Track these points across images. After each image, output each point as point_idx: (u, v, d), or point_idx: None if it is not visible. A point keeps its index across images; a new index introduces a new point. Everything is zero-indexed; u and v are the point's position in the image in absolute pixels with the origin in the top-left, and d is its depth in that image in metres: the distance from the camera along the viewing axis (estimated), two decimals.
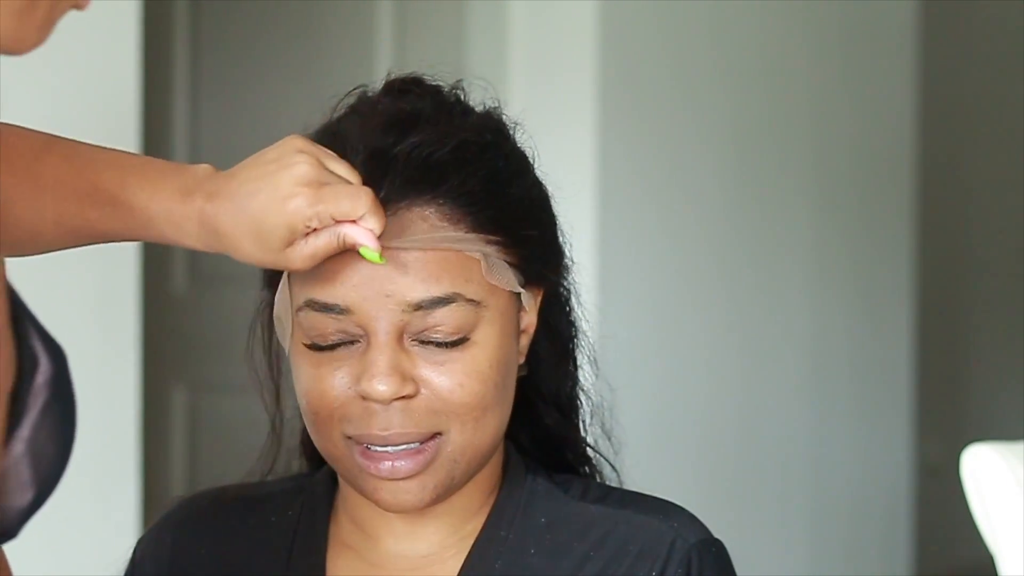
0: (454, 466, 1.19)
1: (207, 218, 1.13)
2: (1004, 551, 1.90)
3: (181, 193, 1.13)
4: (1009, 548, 1.89)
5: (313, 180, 1.12)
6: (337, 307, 1.16)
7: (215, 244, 1.14)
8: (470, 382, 1.18)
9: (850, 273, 4.13)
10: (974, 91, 5.35)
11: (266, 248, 1.12)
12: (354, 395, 1.18)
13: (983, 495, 1.91)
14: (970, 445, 1.94)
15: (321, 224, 1.12)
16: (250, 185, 1.12)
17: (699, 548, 1.22)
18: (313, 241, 1.12)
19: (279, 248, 1.11)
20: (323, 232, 1.12)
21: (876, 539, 4.21)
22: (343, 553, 1.27)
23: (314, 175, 1.12)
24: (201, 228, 1.13)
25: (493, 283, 1.19)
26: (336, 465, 1.23)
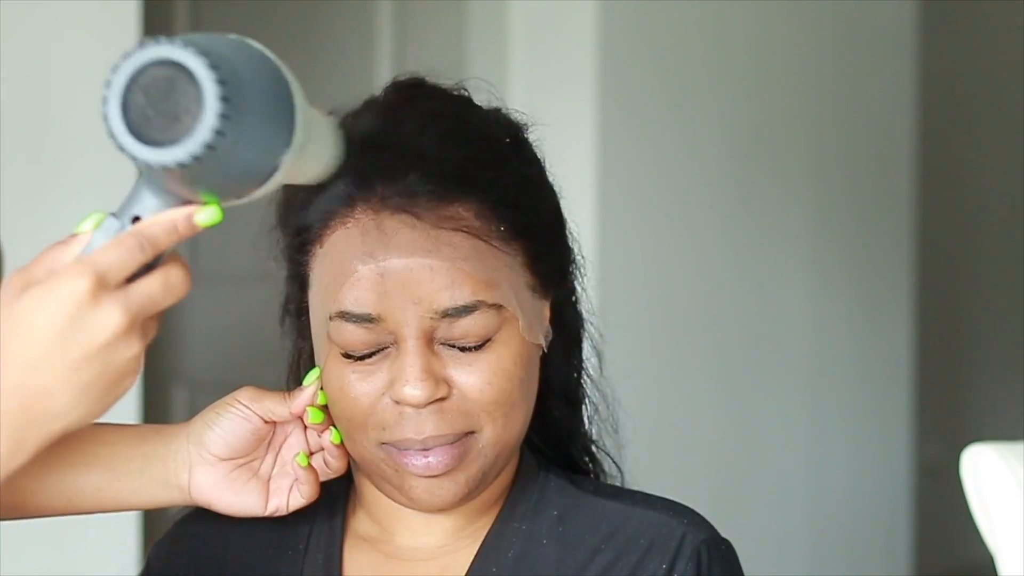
0: (486, 461, 1.21)
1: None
2: (1004, 551, 1.90)
3: (151, 430, 1.27)
4: (1009, 548, 1.89)
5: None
6: (368, 316, 1.17)
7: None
8: (498, 380, 1.19)
9: (850, 274, 4.13)
10: (974, 91, 5.35)
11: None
12: (388, 401, 1.19)
13: (983, 495, 1.92)
14: (970, 445, 1.94)
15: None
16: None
17: (708, 544, 1.24)
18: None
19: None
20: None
21: (876, 539, 4.22)
22: (359, 546, 1.28)
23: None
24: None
25: (527, 338, 1.21)
26: (369, 468, 1.24)
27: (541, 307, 1.24)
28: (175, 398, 3.57)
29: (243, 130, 0.91)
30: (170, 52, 0.90)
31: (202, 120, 0.89)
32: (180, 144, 0.90)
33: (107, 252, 0.94)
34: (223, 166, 0.92)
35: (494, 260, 1.19)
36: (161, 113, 0.91)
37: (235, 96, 0.90)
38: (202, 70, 0.89)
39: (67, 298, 0.93)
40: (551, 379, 1.29)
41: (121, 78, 0.91)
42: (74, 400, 0.94)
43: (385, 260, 1.17)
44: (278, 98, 0.93)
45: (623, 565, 1.23)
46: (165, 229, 0.96)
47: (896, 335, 4.30)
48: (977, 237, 5.45)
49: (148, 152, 0.91)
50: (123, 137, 0.91)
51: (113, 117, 0.91)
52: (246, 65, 0.92)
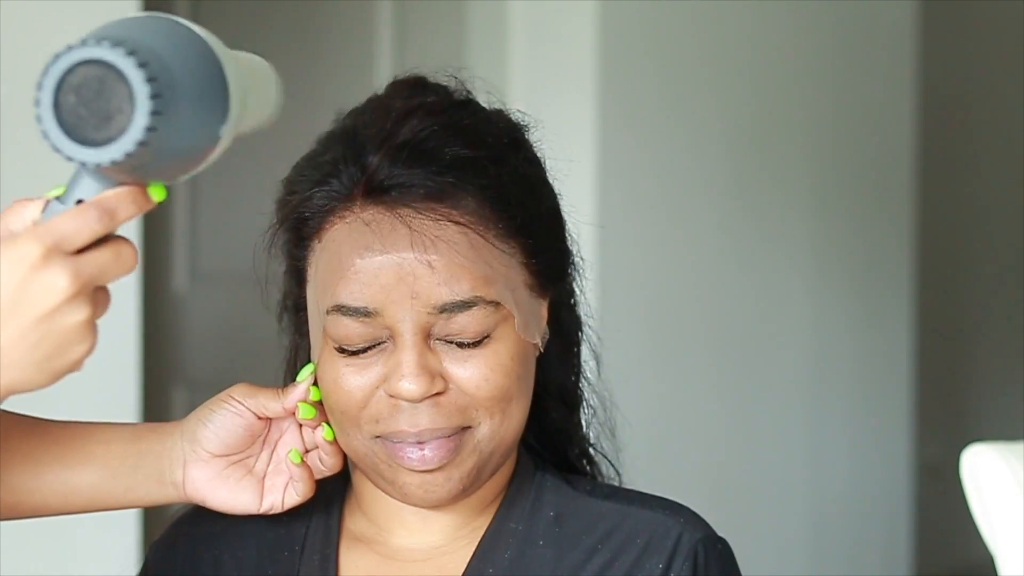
0: (481, 457, 1.21)
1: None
2: (1004, 551, 1.90)
3: (134, 431, 1.28)
4: (1009, 548, 1.89)
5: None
6: (365, 310, 1.17)
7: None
8: (494, 376, 1.19)
9: (850, 273, 4.13)
10: (974, 91, 5.35)
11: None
12: (382, 394, 1.19)
13: (983, 495, 1.92)
14: (970, 445, 1.94)
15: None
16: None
17: (705, 543, 1.24)
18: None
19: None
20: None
21: (876, 539, 4.21)
22: (355, 546, 1.28)
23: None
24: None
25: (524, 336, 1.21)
26: (363, 463, 1.24)
27: (538, 306, 1.24)
28: (175, 398, 3.57)
29: (176, 120, 0.92)
30: (98, 52, 0.91)
31: (135, 118, 0.91)
32: (115, 142, 0.91)
33: (64, 220, 0.96)
34: (160, 155, 0.93)
35: (492, 257, 1.19)
36: (94, 112, 0.92)
37: (165, 90, 0.91)
38: (131, 70, 0.90)
39: (18, 260, 0.94)
40: (548, 381, 1.29)
41: (51, 80, 0.92)
42: (18, 359, 0.96)
43: (383, 254, 1.17)
44: (209, 77, 0.95)
45: (620, 565, 1.23)
46: (125, 201, 0.97)
47: (896, 335, 4.30)
48: (977, 237, 5.45)
49: (83, 152, 0.92)
50: (57, 138, 0.93)
51: (46, 119, 0.92)
52: (174, 52, 0.93)
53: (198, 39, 0.95)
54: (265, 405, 1.24)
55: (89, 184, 0.97)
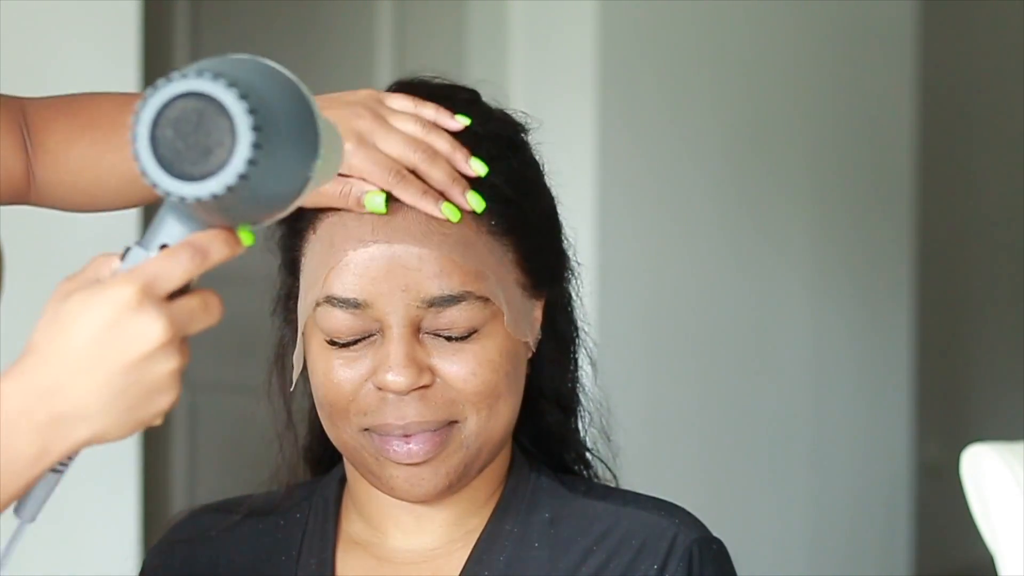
0: (467, 452, 1.21)
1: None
2: (1004, 551, 1.90)
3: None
4: (1009, 548, 1.89)
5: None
6: (354, 301, 1.18)
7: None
8: (482, 371, 1.19)
9: (850, 274, 4.13)
10: (974, 91, 5.35)
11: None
12: (371, 387, 1.19)
13: (983, 495, 1.92)
14: (970, 445, 1.94)
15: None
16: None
17: (700, 544, 1.23)
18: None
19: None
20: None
21: (876, 539, 4.22)
22: (351, 549, 1.28)
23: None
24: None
25: (513, 333, 1.21)
26: (351, 456, 1.24)
27: (531, 306, 1.24)
28: None
29: (274, 155, 0.91)
30: (198, 85, 0.89)
31: (236, 151, 0.89)
32: (214, 177, 0.89)
33: (156, 263, 0.93)
34: (256, 192, 0.92)
35: (484, 253, 1.19)
36: (192, 147, 0.90)
37: (265, 124, 0.90)
38: (233, 102, 0.89)
39: (111, 302, 0.91)
40: (543, 384, 1.29)
41: (148, 114, 0.90)
42: (104, 407, 0.92)
43: (374, 246, 1.17)
44: (301, 116, 0.94)
45: (615, 566, 1.23)
46: (217, 242, 0.95)
47: (896, 335, 4.30)
48: (977, 237, 5.45)
49: (182, 186, 0.90)
50: (155, 173, 0.91)
51: (143, 153, 0.91)
52: (269, 88, 0.92)
53: (289, 80, 0.94)
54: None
55: (174, 228, 0.95)
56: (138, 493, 2.47)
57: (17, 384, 0.91)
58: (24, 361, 0.92)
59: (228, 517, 1.32)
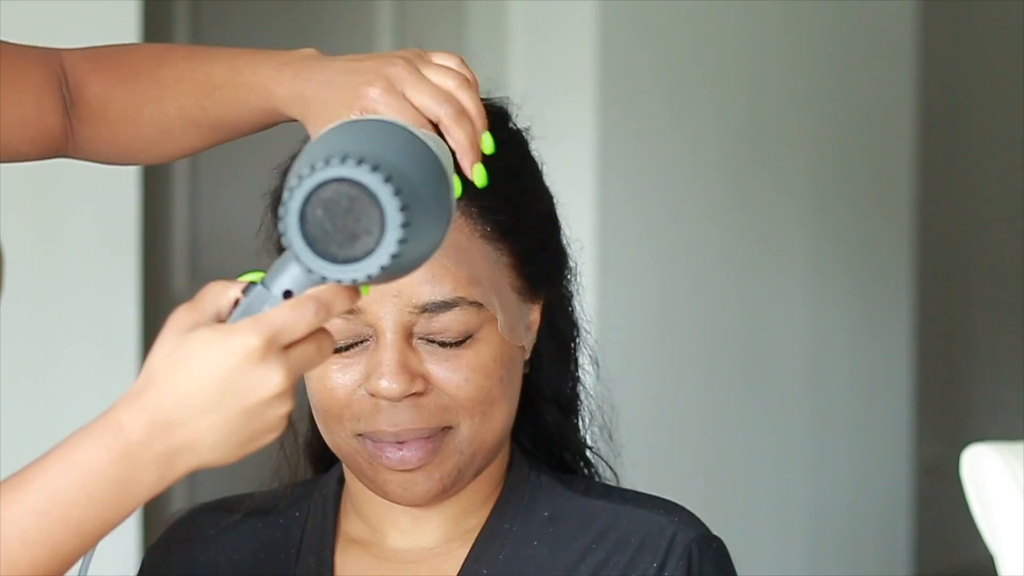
0: (461, 458, 1.20)
1: (298, 82, 1.15)
2: (1004, 551, 1.90)
3: (281, 63, 1.16)
4: (1009, 548, 1.89)
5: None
6: None
7: (301, 109, 1.15)
8: (476, 377, 1.19)
9: (850, 274, 4.13)
10: (974, 91, 5.35)
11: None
12: (363, 392, 1.19)
13: (983, 495, 1.92)
14: (970, 445, 1.94)
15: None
16: (341, 65, 1.14)
17: (699, 542, 1.23)
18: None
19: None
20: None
21: (876, 539, 4.22)
22: (350, 549, 1.28)
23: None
24: (291, 91, 1.15)
25: (507, 339, 1.20)
26: (346, 460, 1.24)
27: (526, 310, 1.24)
28: None
29: (418, 231, 0.94)
30: (355, 174, 0.92)
31: (383, 244, 0.92)
32: (359, 263, 0.93)
33: (282, 314, 0.95)
34: (399, 267, 0.95)
35: (478, 258, 1.19)
36: (340, 229, 0.93)
37: (411, 205, 0.92)
38: (387, 198, 0.91)
39: (237, 349, 0.94)
40: (542, 385, 1.29)
41: (302, 192, 0.93)
42: (218, 443, 0.96)
43: None
44: (440, 187, 0.97)
45: (614, 564, 1.23)
46: (341, 297, 0.97)
47: (896, 335, 4.30)
48: (977, 237, 5.45)
49: (327, 268, 0.94)
50: (301, 250, 0.93)
51: (291, 229, 0.93)
52: (414, 167, 0.95)
53: (425, 147, 0.97)
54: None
55: (299, 276, 0.97)
56: None
57: (139, 416, 0.95)
58: (145, 393, 0.95)
59: (227, 516, 1.32)
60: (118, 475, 0.94)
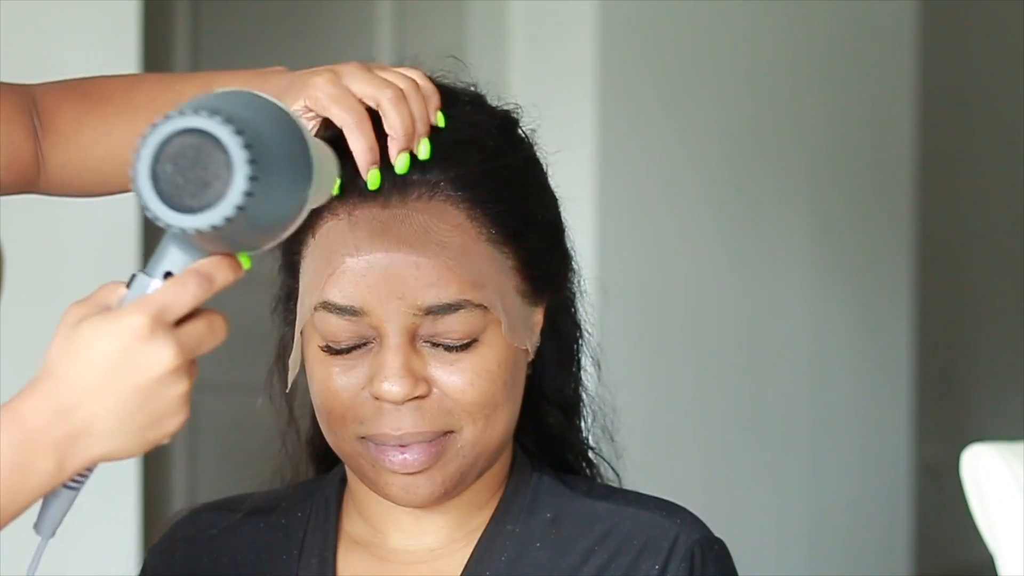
0: (464, 461, 1.20)
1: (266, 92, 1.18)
2: (1004, 551, 1.90)
3: (250, 76, 1.20)
4: (1009, 548, 1.89)
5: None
6: (351, 308, 1.17)
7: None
8: (480, 381, 1.18)
9: (850, 275, 4.13)
10: (974, 91, 5.35)
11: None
12: (367, 395, 1.19)
13: (983, 495, 1.92)
14: (970, 445, 1.94)
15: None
16: (304, 70, 1.18)
17: (702, 544, 1.23)
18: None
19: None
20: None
21: (876, 539, 4.22)
22: (353, 549, 1.28)
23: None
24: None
25: (511, 342, 1.20)
26: (348, 462, 1.24)
27: (530, 313, 1.23)
28: None
29: (269, 185, 0.95)
30: (196, 122, 0.94)
31: (233, 184, 0.93)
32: (213, 209, 0.94)
33: (165, 292, 0.98)
34: (253, 221, 0.96)
35: (483, 261, 1.18)
36: (191, 180, 0.94)
37: (261, 157, 0.94)
38: (229, 138, 0.93)
39: (124, 330, 0.96)
40: (545, 387, 1.29)
41: (149, 150, 0.95)
42: (116, 428, 0.97)
43: (372, 254, 1.17)
44: (294, 146, 0.98)
45: (616, 566, 1.23)
46: (221, 268, 0.99)
47: (896, 336, 4.30)
48: (977, 238, 5.45)
49: (182, 219, 0.95)
50: (156, 207, 0.95)
51: (145, 188, 0.95)
52: (263, 121, 0.96)
53: (282, 111, 0.99)
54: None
55: (176, 256, 0.99)
56: (138, 493, 2.47)
57: (36, 403, 0.97)
58: (41, 383, 0.97)
59: (229, 516, 1.32)
60: (16, 461, 0.96)
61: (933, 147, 4.87)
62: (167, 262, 1.00)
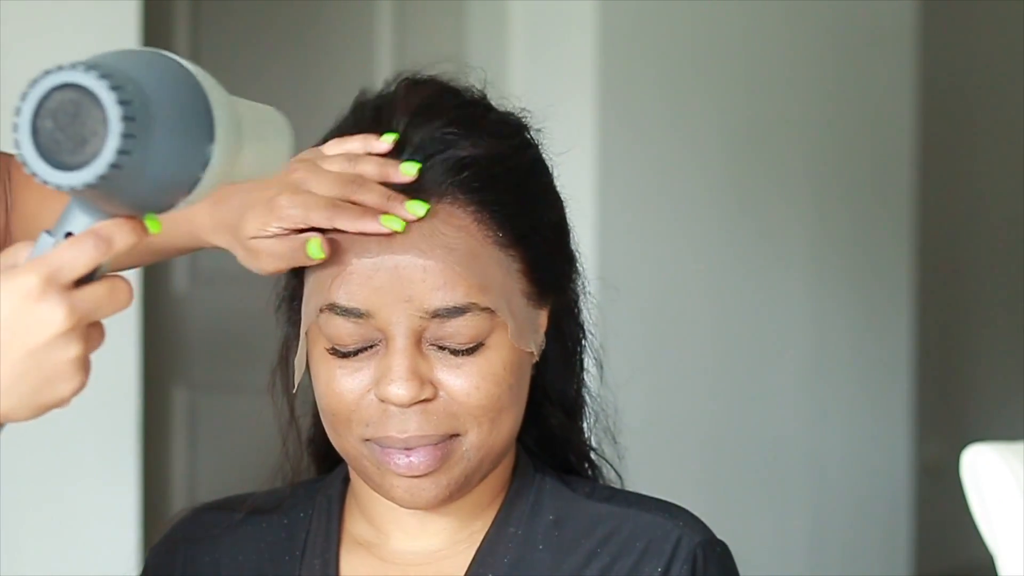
0: (469, 464, 1.20)
1: (217, 210, 1.19)
2: (1004, 551, 1.90)
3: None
4: (1009, 548, 1.89)
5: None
6: (358, 311, 1.17)
7: (226, 237, 1.21)
8: (486, 385, 1.19)
9: (850, 274, 4.13)
10: (974, 91, 5.35)
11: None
12: (372, 398, 1.19)
13: (983, 495, 1.92)
14: (970, 445, 1.94)
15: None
16: (251, 186, 1.17)
17: (704, 547, 1.23)
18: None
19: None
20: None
21: (876, 539, 4.22)
22: (355, 550, 1.28)
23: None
24: (211, 219, 1.20)
25: (517, 345, 1.20)
26: (353, 464, 1.24)
27: (536, 315, 1.23)
28: (175, 398, 3.57)
29: (151, 146, 0.92)
30: (73, 76, 0.92)
31: (107, 142, 0.91)
32: (88, 166, 0.92)
33: (60, 252, 0.96)
34: (137, 181, 0.93)
35: (490, 264, 1.18)
36: (70, 137, 0.92)
37: (139, 114, 0.91)
38: (105, 92, 0.91)
39: (15, 289, 0.94)
40: (549, 388, 1.29)
41: (29, 105, 0.93)
42: (6, 389, 0.95)
43: (379, 256, 1.17)
44: (192, 108, 0.95)
45: (619, 568, 1.23)
46: (121, 230, 0.97)
47: (896, 335, 4.30)
48: (977, 237, 5.45)
49: (58, 176, 0.92)
50: (35, 162, 0.93)
51: (24, 144, 0.93)
52: (154, 80, 0.94)
53: (181, 69, 0.96)
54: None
55: (79, 218, 0.97)
56: (138, 493, 2.47)
57: None
58: None
59: (231, 516, 1.32)
60: None
61: (933, 147, 4.87)
62: (69, 223, 0.98)
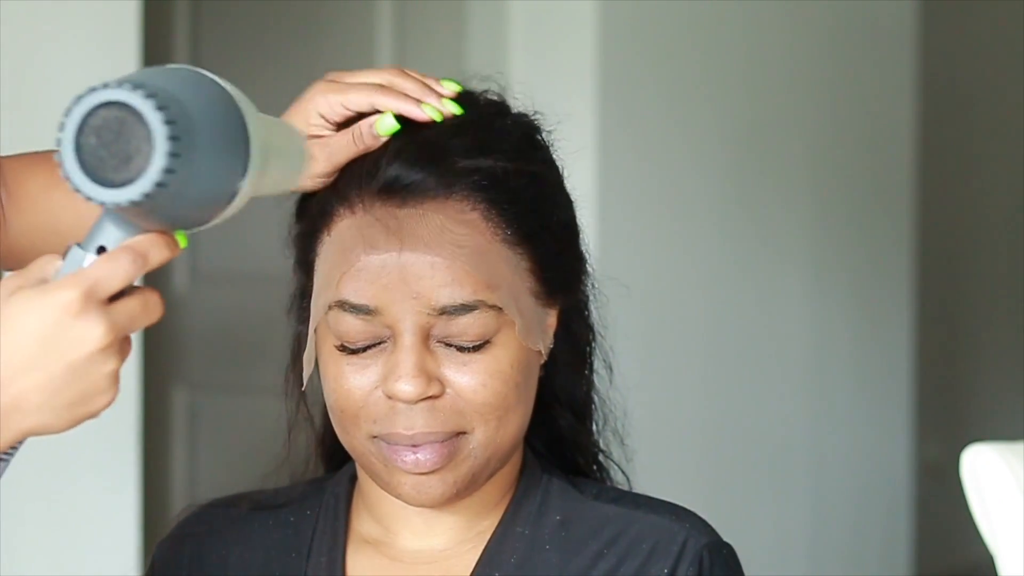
0: (476, 462, 1.21)
1: None
2: (1004, 551, 1.90)
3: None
4: (1009, 548, 1.89)
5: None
6: (366, 307, 1.17)
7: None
8: (493, 382, 1.19)
9: (849, 275, 4.13)
10: (974, 91, 5.35)
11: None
12: (379, 394, 1.19)
13: (983, 495, 1.92)
14: (970, 445, 1.94)
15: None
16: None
17: (710, 548, 1.24)
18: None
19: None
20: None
21: (876, 539, 4.22)
22: (362, 548, 1.28)
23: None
24: None
25: (525, 343, 1.20)
26: (360, 461, 1.24)
27: (544, 314, 1.23)
28: (175, 398, 3.57)
29: (194, 165, 0.94)
30: (118, 95, 0.93)
31: (152, 160, 0.92)
32: (133, 184, 0.93)
33: (98, 267, 0.97)
34: (178, 199, 0.95)
35: (498, 262, 1.19)
36: (114, 154, 0.93)
37: (184, 134, 0.93)
38: (150, 112, 0.92)
39: (55, 305, 0.95)
40: (557, 389, 1.29)
41: (73, 122, 0.94)
42: (45, 403, 0.96)
43: (387, 253, 1.17)
44: (230, 126, 0.97)
45: (625, 570, 1.23)
46: (156, 245, 0.98)
47: (896, 336, 4.30)
48: (977, 237, 5.45)
49: (103, 192, 0.93)
50: (78, 179, 0.94)
51: (68, 160, 0.94)
52: (195, 99, 0.95)
53: (219, 88, 0.97)
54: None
55: (112, 232, 0.98)
56: (138, 493, 2.47)
57: None
58: None
59: (238, 512, 1.33)
60: None
61: (933, 147, 4.87)
62: (102, 237, 0.99)
